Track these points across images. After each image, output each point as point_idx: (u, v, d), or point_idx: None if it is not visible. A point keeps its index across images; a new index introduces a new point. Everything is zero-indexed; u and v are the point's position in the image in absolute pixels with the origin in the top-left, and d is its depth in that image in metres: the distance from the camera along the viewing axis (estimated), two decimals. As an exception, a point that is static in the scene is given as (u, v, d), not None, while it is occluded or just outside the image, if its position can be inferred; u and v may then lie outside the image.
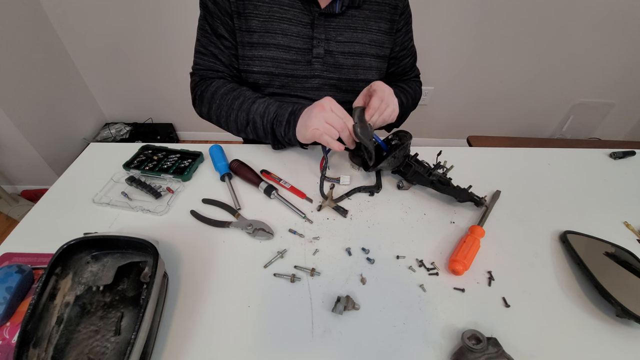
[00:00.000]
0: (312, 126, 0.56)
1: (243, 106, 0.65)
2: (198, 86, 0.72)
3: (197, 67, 0.72)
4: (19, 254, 0.50)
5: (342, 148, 0.57)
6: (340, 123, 0.56)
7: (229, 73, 0.71)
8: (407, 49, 0.79)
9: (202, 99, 0.71)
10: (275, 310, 0.45)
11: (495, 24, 1.65)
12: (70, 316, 0.41)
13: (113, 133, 1.97)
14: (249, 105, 0.65)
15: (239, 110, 0.66)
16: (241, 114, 0.66)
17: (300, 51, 0.68)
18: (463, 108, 2.00)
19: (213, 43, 0.69)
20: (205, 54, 0.70)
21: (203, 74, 0.72)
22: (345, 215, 0.58)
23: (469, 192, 0.59)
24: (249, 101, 0.65)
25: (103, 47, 1.73)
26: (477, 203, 0.60)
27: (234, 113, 0.66)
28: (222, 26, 0.67)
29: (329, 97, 0.58)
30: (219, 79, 0.71)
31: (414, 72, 0.86)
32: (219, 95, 0.68)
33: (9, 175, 1.70)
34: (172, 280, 0.48)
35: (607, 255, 0.53)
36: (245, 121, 0.66)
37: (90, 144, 0.74)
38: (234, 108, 0.66)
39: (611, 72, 1.83)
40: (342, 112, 0.58)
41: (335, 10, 0.66)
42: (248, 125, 0.66)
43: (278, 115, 0.62)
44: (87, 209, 0.58)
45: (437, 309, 0.46)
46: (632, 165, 0.76)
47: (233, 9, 0.65)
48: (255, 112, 0.64)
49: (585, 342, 0.44)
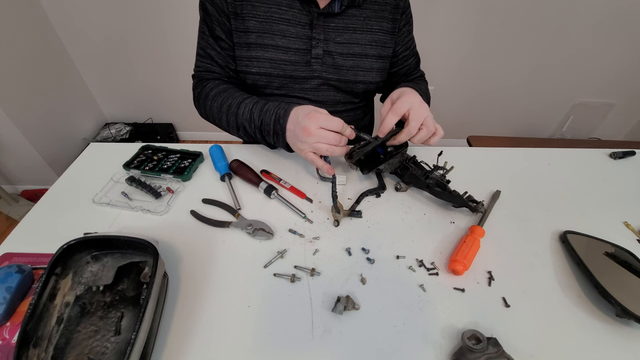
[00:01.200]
0: (303, 151, 0.57)
1: (231, 110, 0.65)
2: (196, 88, 0.73)
3: (197, 69, 0.74)
4: (19, 254, 0.50)
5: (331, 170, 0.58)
6: (334, 139, 0.55)
7: (225, 74, 0.72)
8: (410, 49, 0.79)
9: (199, 100, 0.72)
10: (275, 310, 0.45)
11: (495, 24, 1.66)
12: (70, 316, 0.41)
13: (113, 133, 1.97)
14: (235, 109, 0.64)
15: (228, 115, 0.66)
16: (231, 117, 0.65)
17: (299, 52, 0.68)
18: (463, 108, 2.00)
19: (210, 45, 0.69)
20: (203, 56, 0.71)
21: (201, 76, 0.73)
22: (361, 216, 0.58)
23: (464, 198, 0.58)
24: (235, 105, 0.65)
25: (103, 47, 1.74)
26: (473, 209, 0.58)
27: (224, 116, 0.66)
28: (219, 27, 0.67)
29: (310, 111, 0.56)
30: (215, 80, 0.71)
31: (419, 73, 0.85)
32: (210, 97, 0.68)
33: (9, 175, 1.70)
34: (172, 280, 0.48)
35: (607, 255, 0.53)
36: (236, 126, 0.66)
37: (90, 144, 0.74)
38: (223, 111, 0.66)
39: (611, 72, 1.83)
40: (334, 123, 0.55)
41: (334, 9, 0.66)
42: (239, 129, 0.66)
43: (263, 124, 0.61)
44: (87, 209, 0.58)
45: (437, 309, 0.46)
46: (632, 165, 0.76)
47: (230, 10, 0.65)
48: (242, 118, 0.64)
49: (585, 342, 0.44)
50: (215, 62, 0.70)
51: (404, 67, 0.80)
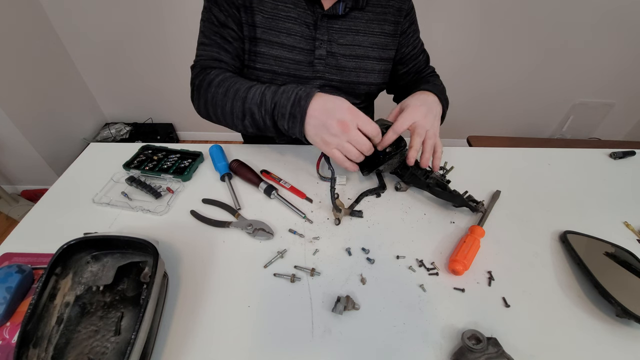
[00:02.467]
0: (330, 145, 0.51)
1: (238, 94, 0.58)
2: (197, 77, 0.66)
3: (199, 59, 0.68)
4: (19, 254, 0.50)
5: (356, 168, 0.54)
6: (366, 146, 0.51)
7: (233, 65, 0.67)
8: (417, 47, 0.79)
9: (200, 90, 0.65)
10: (275, 310, 0.45)
11: (495, 25, 1.66)
12: (70, 316, 0.41)
13: (113, 133, 1.97)
14: (244, 93, 0.57)
15: (235, 100, 0.58)
16: (237, 103, 0.58)
17: (303, 52, 0.68)
18: (463, 108, 2.00)
19: (217, 32, 0.65)
20: (208, 44, 0.66)
21: (204, 64, 0.66)
22: (362, 216, 0.58)
23: (464, 198, 0.58)
24: (244, 89, 0.58)
25: (103, 47, 1.74)
26: (473, 209, 0.58)
27: (230, 102, 0.59)
28: (229, 18, 0.64)
29: (349, 105, 0.52)
30: (221, 69, 0.65)
31: (430, 69, 0.83)
32: (215, 84, 0.62)
33: (9, 175, 1.70)
34: (172, 280, 0.48)
35: (607, 255, 0.53)
36: (242, 112, 0.58)
37: (90, 144, 0.74)
38: (229, 97, 0.59)
39: (611, 72, 1.83)
40: (372, 128, 0.52)
41: (338, 12, 0.66)
42: (245, 117, 0.58)
43: (278, 106, 0.54)
44: (87, 209, 0.58)
45: (437, 309, 0.46)
46: (632, 165, 0.76)
47: (240, 2, 0.63)
48: (251, 102, 0.56)
49: (585, 342, 0.43)
50: (224, 49, 0.66)
51: (414, 65, 0.80)
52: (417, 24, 0.78)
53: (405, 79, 0.82)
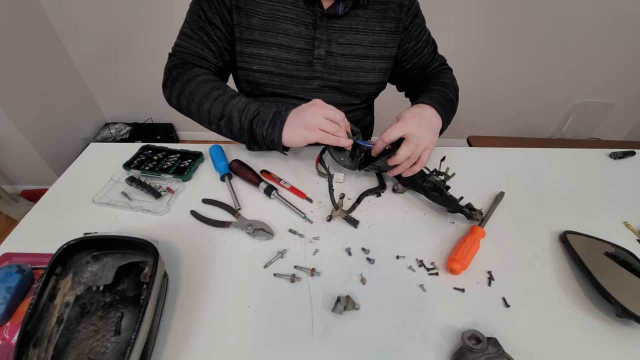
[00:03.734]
0: (315, 126, 0.55)
1: (221, 97, 0.61)
2: (175, 68, 0.66)
3: (181, 50, 0.67)
4: (19, 254, 0.50)
5: (350, 142, 0.58)
6: (339, 115, 0.57)
7: (215, 64, 0.68)
8: (422, 40, 0.76)
9: (176, 81, 0.65)
10: (275, 310, 0.45)
11: (495, 24, 1.66)
12: (70, 316, 0.41)
13: (113, 133, 1.97)
14: (228, 97, 0.61)
15: (215, 101, 0.61)
16: (217, 104, 0.61)
17: (302, 52, 0.67)
18: (463, 108, 1.98)
19: (203, 28, 0.65)
20: (193, 37, 0.66)
21: (186, 58, 0.67)
22: (356, 226, 0.57)
23: (459, 204, 0.57)
24: (228, 95, 0.61)
25: (103, 47, 1.74)
26: (468, 216, 0.57)
27: (209, 102, 0.61)
28: (217, 17, 0.65)
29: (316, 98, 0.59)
30: (202, 67, 0.67)
31: (438, 61, 0.80)
32: (196, 81, 0.63)
33: (9, 175, 1.70)
34: (172, 280, 0.48)
35: (607, 255, 0.53)
36: (220, 114, 0.61)
37: (90, 144, 0.74)
38: (210, 97, 0.61)
39: (611, 72, 1.83)
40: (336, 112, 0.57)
41: (338, 11, 0.65)
42: (222, 118, 0.61)
43: (260, 114, 0.58)
44: (87, 209, 0.58)
45: (437, 309, 0.46)
46: (632, 165, 0.76)
47: (233, 3, 0.63)
48: (233, 106, 0.60)
49: (585, 342, 0.44)
50: (208, 48, 0.66)
51: (418, 61, 0.77)
52: (421, 15, 0.75)
53: (410, 75, 0.80)
